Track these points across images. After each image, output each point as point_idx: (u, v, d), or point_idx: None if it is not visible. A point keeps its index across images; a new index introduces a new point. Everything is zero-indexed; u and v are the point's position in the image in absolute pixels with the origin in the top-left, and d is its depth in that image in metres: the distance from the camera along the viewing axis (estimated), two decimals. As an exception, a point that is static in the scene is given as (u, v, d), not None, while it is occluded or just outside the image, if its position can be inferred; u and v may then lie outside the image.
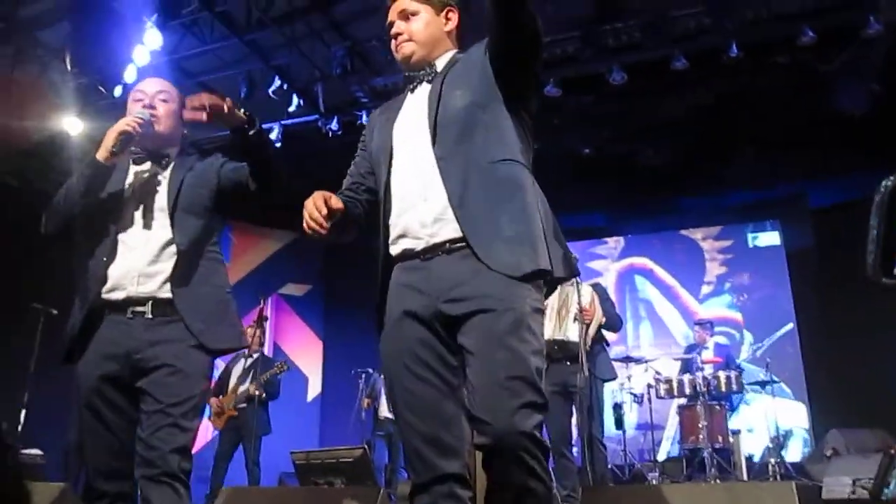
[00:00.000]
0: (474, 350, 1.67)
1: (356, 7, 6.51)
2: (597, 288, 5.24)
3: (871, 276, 0.94)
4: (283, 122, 7.57)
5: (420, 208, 1.81)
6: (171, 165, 2.39)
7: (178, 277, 2.24)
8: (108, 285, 2.22)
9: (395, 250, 1.87)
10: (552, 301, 4.87)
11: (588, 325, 4.76)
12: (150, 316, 2.21)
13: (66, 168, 7.93)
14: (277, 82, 7.08)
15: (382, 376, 6.17)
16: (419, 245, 1.80)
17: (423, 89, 1.96)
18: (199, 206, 2.34)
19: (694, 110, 7.58)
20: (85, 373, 2.19)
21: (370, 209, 2.02)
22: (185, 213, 2.31)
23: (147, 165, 2.37)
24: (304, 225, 1.81)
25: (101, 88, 6.94)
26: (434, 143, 1.82)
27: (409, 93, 2.02)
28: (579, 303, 4.68)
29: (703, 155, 8.15)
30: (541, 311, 1.75)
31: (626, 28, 6.50)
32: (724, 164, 8.17)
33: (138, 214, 2.30)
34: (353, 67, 6.87)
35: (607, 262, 9.64)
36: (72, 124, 7.20)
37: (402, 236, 1.84)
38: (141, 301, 2.21)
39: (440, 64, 1.99)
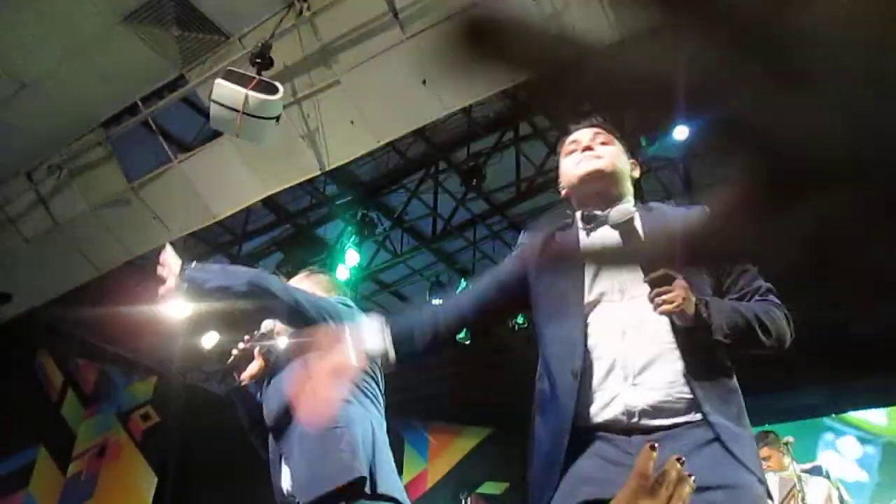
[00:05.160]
0: None
1: (531, 206, 6.89)
2: (816, 471, 4.61)
3: None
4: (471, 320, 7.87)
5: (627, 397, 1.59)
6: None
7: None
8: None
9: (598, 417, 1.58)
10: (773, 494, 4.33)
11: None
12: None
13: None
14: (463, 283, 7.47)
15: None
16: (615, 430, 1.56)
17: (612, 235, 1.74)
18: None
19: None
20: None
21: (450, 331, 1.81)
22: None
23: None
24: None
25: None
26: (676, 334, 1.62)
27: (583, 232, 1.78)
28: (803, 500, 4.10)
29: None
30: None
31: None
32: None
33: None
34: (533, 262, 7.12)
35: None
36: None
37: (594, 417, 1.58)
38: None
39: (618, 214, 1.73)
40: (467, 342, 7.89)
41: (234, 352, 2.53)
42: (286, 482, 2.27)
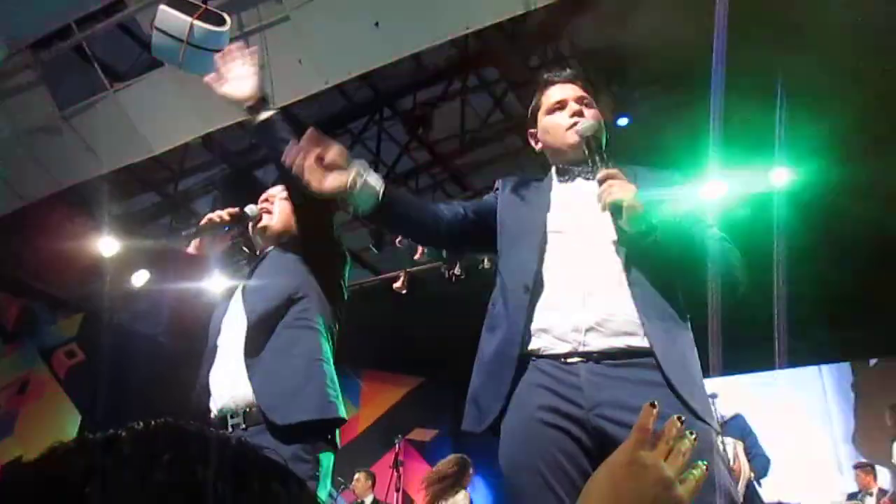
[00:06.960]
0: None
1: (473, 159, 6.88)
2: (736, 423, 4.89)
3: None
4: (408, 270, 7.89)
5: (577, 315, 1.62)
6: None
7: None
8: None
9: (533, 344, 1.65)
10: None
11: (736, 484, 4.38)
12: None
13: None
14: (403, 233, 7.45)
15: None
16: (564, 348, 1.61)
17: (583, 187, 1.80)
18: None
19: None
20: None
21: (441, 231, 1.83)
22: None
23: None
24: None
25: (244, 248, 7.55)
26: (627, 268, 1.65)
27: (557, 182, 1.86)
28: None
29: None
30: None
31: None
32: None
33: None
34: (474, 215, 7.15)
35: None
36: (216, 284, 7.79)
37: (544, 332, 1.64)
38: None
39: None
40: (403, 291, 7.92)
41: (202, 222, 2.32)
42: (237, 391, 2.05)
